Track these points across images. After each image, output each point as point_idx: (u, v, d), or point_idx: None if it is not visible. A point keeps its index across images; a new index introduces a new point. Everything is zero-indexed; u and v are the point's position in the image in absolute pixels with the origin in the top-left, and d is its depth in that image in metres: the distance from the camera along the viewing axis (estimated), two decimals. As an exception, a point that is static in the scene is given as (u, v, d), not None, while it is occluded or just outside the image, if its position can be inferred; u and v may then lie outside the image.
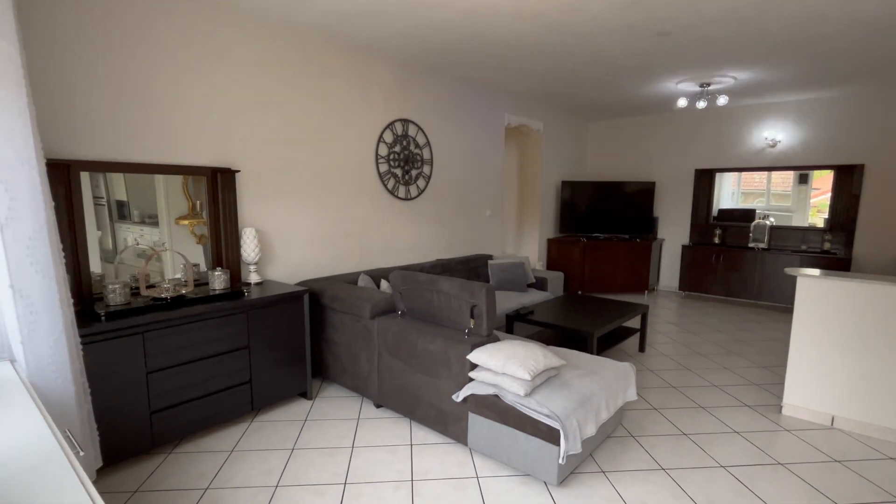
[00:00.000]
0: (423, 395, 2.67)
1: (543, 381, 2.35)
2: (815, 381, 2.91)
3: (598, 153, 7.29)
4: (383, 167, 4.10)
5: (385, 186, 4.13)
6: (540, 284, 4.86)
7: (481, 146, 5.26)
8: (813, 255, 5.27)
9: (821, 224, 5.89)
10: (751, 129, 5.94)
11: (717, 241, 6.13)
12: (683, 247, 6.17)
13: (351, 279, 3.65)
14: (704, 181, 6.34)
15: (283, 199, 3.41)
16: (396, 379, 2.83)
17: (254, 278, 3.14)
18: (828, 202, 5.90)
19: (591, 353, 3.32)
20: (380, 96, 4.01)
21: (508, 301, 4.28)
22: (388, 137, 4.12)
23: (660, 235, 6.82)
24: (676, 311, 5.60)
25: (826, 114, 5.43)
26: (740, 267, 5.75)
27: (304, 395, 3.15)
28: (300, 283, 3.42)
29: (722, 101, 4.67)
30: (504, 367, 2.27)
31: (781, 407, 3.02)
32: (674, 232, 6.70)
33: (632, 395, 2.66)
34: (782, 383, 3.50)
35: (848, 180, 5.36)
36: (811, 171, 5.96)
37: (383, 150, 4.08)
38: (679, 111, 6.38)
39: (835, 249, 5.45)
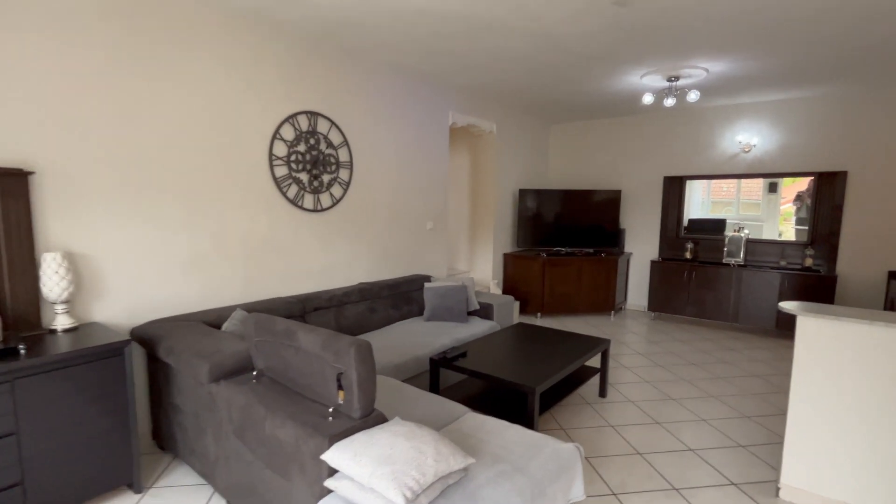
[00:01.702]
0: (274, 502, 1.82)
1: (438, 494, 1.54)
2: (822, 457, 2.19)
3: (561, 159, 6.61)
4: (281, 170, 3.25)
5: (284, 195, 3.28)
6: (484, 312, 4.08)
7: (421, 148, 4.47)
8: (794, 273, 4.66)
9: (790, 233, 5.35)
10: (723, 132, 5.34)
11: (688, 255, 5.49)
12: (652, 262, 5.50)
13: (225, 316, 2.78)
14: (674, 189, 5.71)
15: (121, 212, 2.52)
16: (245, 472, 1.97)
17: (62, 323, 2.24)
18: (793, 210, 5.38)
19: (532, 416, 2.53)
20: (275, 81, 3.17)
21: (441, 336, 3.47)
22: (288, 134, 3.28)
23: (627, 249, 6.15)
24: (645, 337, 4.90)
25: (805, 115, 4.87)
26: (715, 285, 5.11)
27: (132, 485, 2.25)
28: (145, 325, 2.53)
29: (692, 96, 4.02)
30: (371, 479, 1.45)
31: (778, 489, 2.28)
32: (642, 246, 6.04)
33: (577, 494, 1.87)
34: (775, 443, 2.78)
35: (830, 189, 4.79)
36: (780, 180, 5.40)
37: (281, 150, 3.24)
38: (647, 112, 5.75)
39: (818, 266, 4.86)
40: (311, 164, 3.44)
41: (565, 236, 5.88)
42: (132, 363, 2.20)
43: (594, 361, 4.04)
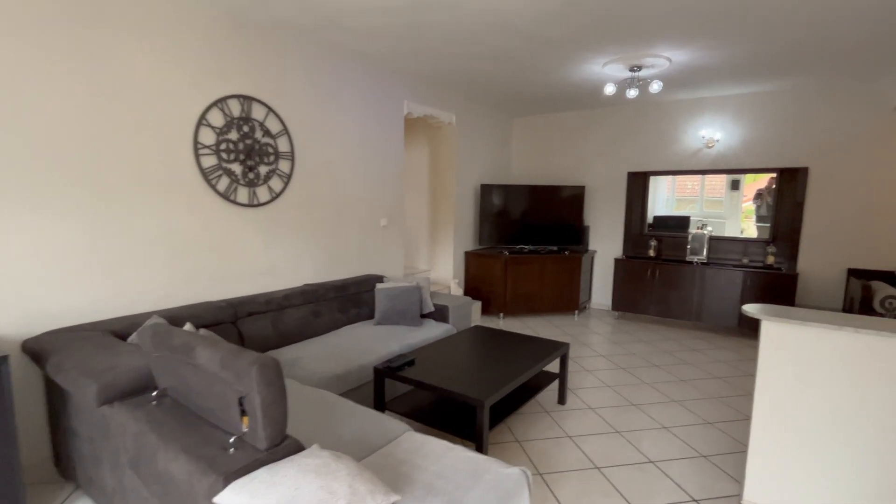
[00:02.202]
0: (165, 551, 1.53)
1: (350, 542, 1.28)
2: (787, 470, 2.05)
3: (524, 153, 6.44)
4: (209, 160, 2.92)
5: (213, 188, 2.94)
6: (440, 315, 3.84)
7: (373, 140, 4.19)
8: (756, 271, 4.61)
9: (752, 231, 5.34)
10: (687, 126, 5.27)
11: (652, 253, 5.40)
12: (616, 260, 5.39)
13: (138, 324, 2.45)
14: (638, 186, 5.62)
15: (8, 204, 2.16)
16: (136, 513, 1.67)
17: (-81, 338, 1.87)
18: (753, 208, 5.38)
19: (481, 432, 2.31)
20: (201, 59, 2.83)
21: (390, 342, 3.22)
22: (217, 120, 2.94)
23: (592, 247, 6.04)
24: (608, 338, 4.77)
25: (767, 110, 4.83)
26: (678, 283, 5.03)
27: (10, 527, 1.90)
28: (39, 337, 2.18)
29: (655, 87, 3.88)
30: (265, 531, 1.19)
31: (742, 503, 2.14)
32: (606, 243, 5.93)
33: (522, 526, 1.65)
34: (739, 452, 2.65)
35: (791, 186, 4.77)
36: (742, 177, 5.39)
37: (208, 138, 2.90)
38: (611, 106, 5.63)
39: (779, 263, 4.84)
40: (246, 154, 3.11)
41: (529, 234, 5.71)
42: (10, 382, 1.86)
43: (554, 366, 3.87)
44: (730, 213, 6.19)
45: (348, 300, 3.68)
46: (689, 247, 5.14)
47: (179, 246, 2.81)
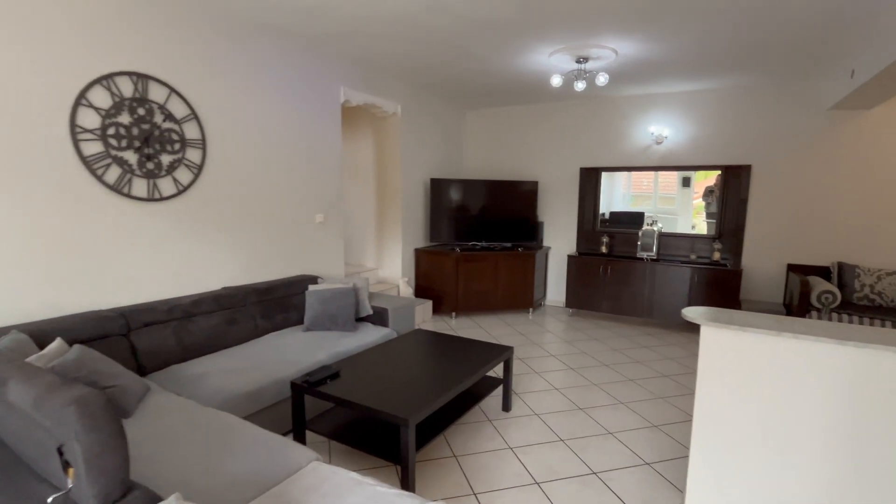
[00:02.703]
0: None
1: None
2: (728, 480, 1.90)
3: (478, 148, 6.22)
4: (92, 147, 2.50)
5: (99, 178, 2.53)
6: (379, 318, 3.56)
7: (306, 129, 3.84)
8: (703, 267, 4.59)
9: (703, 227, 5.35)
10: (637, 122, 5.20)
11: (604, 249, 5.31)
12: (569, 257, 5.27)
13: (-5, 342, 2.03)
14: (590, 181, 5.52)
15: None
16: None
17: None
18: (703, 205, 5.40)
19: (407, 455, 2.05)
20: (73, 26, 2.41)
21: (317, 351, 2.91)
22: (101, 100, 2.52)
23: (546, 243, 5.91)
24: (561, 336, 4.63)
25: (713, 108, 4.81)
26: (629, 280, 4.96)
27: None
28: None
29: (601, 79, 3.73)
30: None
31: (683, 524, 1.98)
32: (560, 239, 5.81)
33: (433, 577, 1.41)
34: (682, 458, 2.52)
35: (736, 183, 4.77)
36: (693, 174, 5.39)
37: (90, 120, 2.48)
38: (563, 100, 5.49)
39: (725, 259, 4.84)
40: (142, 140, 2.71)
41: (482, 230, 5.50)
42: None
43: (501, 370, 3.67)
44: (681, 209, 6.23)
45: (275, 304, 3.33)
46: (639, 243, 5.08)
47: (54, 248, 2.39)
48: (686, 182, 6.19)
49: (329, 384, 2.38)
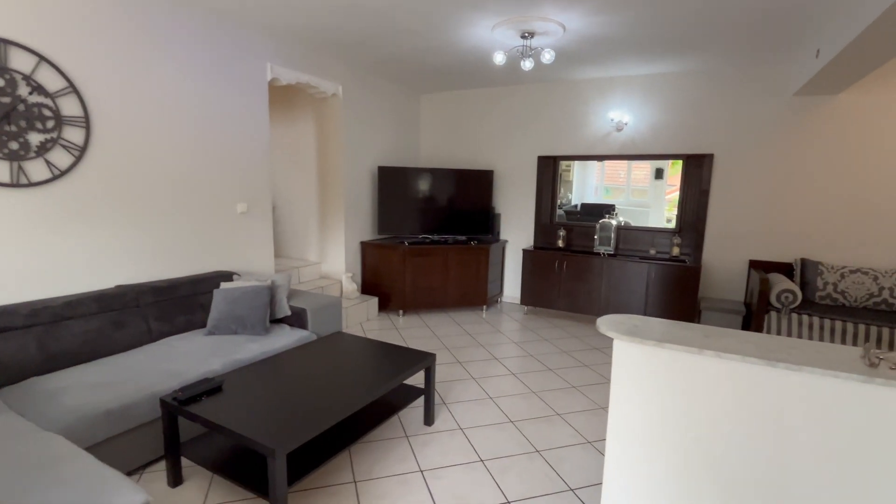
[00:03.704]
0: None
1: None
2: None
3: (434, 134, 5.87)
4: (-75, 122, 2.11)
5: (-64, 160, 2.14)
6: (297, 319, 3.22)
7: (224, 108, 3.45)
8: (661, 263, 4.34)
9: (671, 223, 5.11)
10: (597, 108, 4.90)
11: (560, 244, 5.03)
12: (524, 251, 4.98)
13: None
14: (547, 171, 5.22)
15: None
16: None
17: None
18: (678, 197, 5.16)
19: (275, 488, 1.74)
20: None
21: (214, 358, 2.57)
22: (-61, 66, 2.13)
23: (504, 236, 5.61)
24: (510, 336, 4.35)
25: (674, 93, 4.53)
26: (585, 276, 4.69)
27: None
28: None
29: (547, 57, 3.40)
30: None
31: (590, 571, 1.71)
32: (518, 232, 5.52)
33: None
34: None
35: (697, 173, 4.51)
36: (667, 165, 5.12)
37: (-78, 90, 2.09)
38: (520, 84, 5.16)
39: (685, 255, 4.60)
40: (0, 116, 2.32)
41: (434, 222, 5.18)
42: None
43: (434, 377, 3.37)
44: (654, 202, 5.99)
45: (177, 305, 2.97)
46: (596, 237, 4.81)
47: None
48: (659, 174, 5.93)
49: (203, 402, 2.05)
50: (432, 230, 5.17)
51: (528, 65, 3.61)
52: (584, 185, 5.74)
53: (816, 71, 3.37)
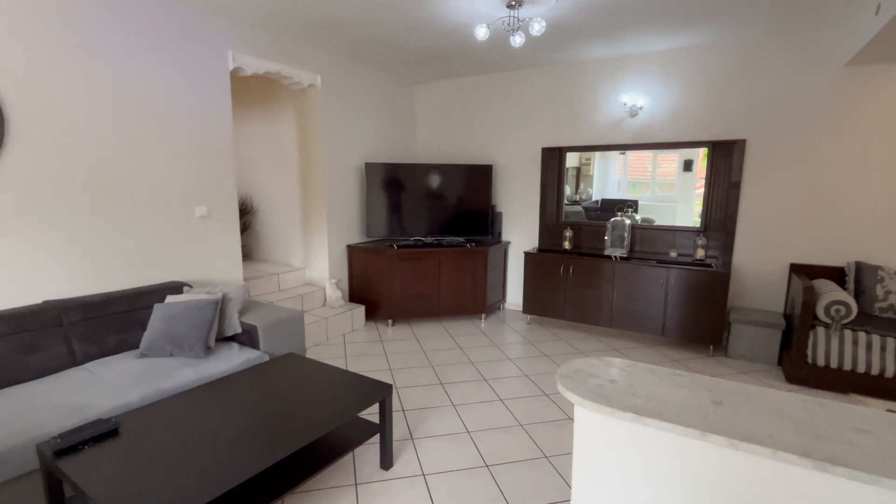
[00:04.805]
0: None
1: None
2: None
3: (432, 127, 5.40)
4: None
5: None
6: (248, 338, 2.83)
7: (178, 101, 3.11)
8: (683, 267, 3.73)
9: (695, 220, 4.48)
10: (607, 92, 4.31)
11: (567, 245, 4.48)
12: (526, 254, 4.45)
13: None
14: (552, 164, 4.66)
15: None
16: None
17: None
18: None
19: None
20: None
21: (133, 388, 2.20)
22: None
23: (506, 237, 5.09)
24: (507, 351, 3.84)
25: (697, 69, 3.90)
26: (595, 282, 4.12)
27: None
28: None
29: (537, 29, 2.88)
30: None
31: None
32: (521, 233, 4.99)
33: None
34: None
35: (726, 162, 3.87)
36: (697, 155, 4.48)
37: None
38: (522, 69, 4.62)
39: (711, 257, 3.97)
40: None
41: (428, 222, 4.72)
42: None
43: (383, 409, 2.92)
44: (682, 196, 5.36)
45: (110, 323, 2.63)
46: (606, 238, 4.23)
47: None
48: (688, 166, 5.30)
49: (83, 452, 1.67)
50: (426, 232, 4.71)
51: (518, 40, 3.10)
52: (606, 179, 5.17)
53: (876, 32, 2.71)
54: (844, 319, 3.04)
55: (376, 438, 2.55)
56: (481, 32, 3.00)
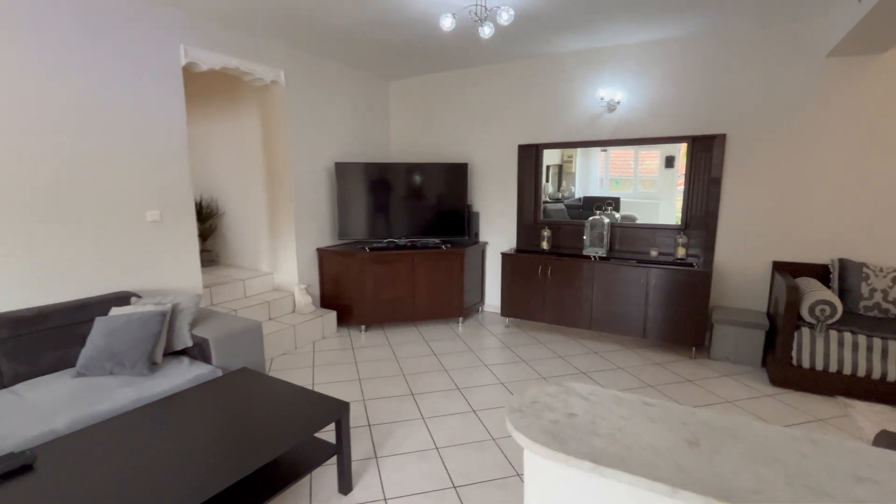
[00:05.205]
0: None
1: None
2: None
3: (406, 125, 5.21)
4: None
5: None
6: (200, 352, 2.63)
7: (124, 98, 2.89)
8: (664, 267, 3.60)
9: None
10: (583, 85, 4.17)
11: (545, 245, 4.33)
12: (503, 255, 4.29)
13: None
14: (529, 161, 4.51)
15: None
16: None
17: None
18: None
19: None
20: None
21: (60, 414, 2.00)
22: None
23: (484, 237, 4.93)
24: (483, 357, 3.68)
25: (677, 62, 3.77)
26: (573, 283, 3.98)
27: None
28: None
29: (505, 17, 2.71)
30: None
31: None
32: (499, 233, 4.84)
33: None
34: None
35: (706, 158, 3.75)
36: (679, 151, 4.36)
37: None
38: (496, 63, 4.46)
39: (692, 256, 3.85)
40: None
41: (402, 224, 4.54)
42: None
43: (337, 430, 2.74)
44: (664, 193, 5.26)
45: (45, 339, 2.42)
46: (585, 237, 4.09)
47: None
48: (670, 162, 5.18)
49: (-17, 494, 1.47)
50: (400, 233, 4.53)
51: (487, 31, 2.93)
52: (588, 176, 5.04)
53: (859, 20, 2.59)
54: (829, 320, 2.93)
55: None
56: (447, 22, 2.83)
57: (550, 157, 4.58)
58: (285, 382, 2.29)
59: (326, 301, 4.43)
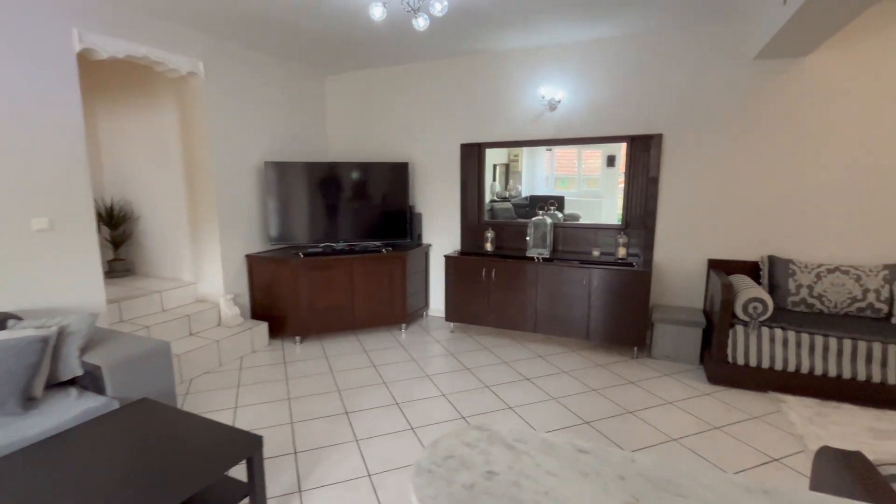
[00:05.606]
0: None
1: None
2: None
3: (344, 123, 4.94)
4: None
5: None
6: (92, 381, 2.29)
7: (3, 88, 2.47)
8: (605, 267, 3.57)
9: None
10: (524, 83, 4.09)
11: (488, 247, 4.22)
12: (446, 258, 4.14)
13: None
14: (472, 161, 4.39)
15: None
16: None
17: None
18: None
19: None
20: None
21: None
22: None
23: (427, 239, 4.76)
24: (425, 367, 3.51)
25: (615, 61, 3.75)
26: (517, 285, 3.89)
27: None
28: None
29: (438, 7, 2.54)
30: None
31: None
32: (443, 235, 4.68)
33: None
34: None
35: (643, 157, 3.76)
36: (620, 150, 4.36)
37: None
38: (437, 59, 4.29)
39: (633, 255, 3.86)
40: None
41: (340, 227, 4.28)
42: None
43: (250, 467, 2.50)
44: (606, 191, 5.29)
45: None
46: (528, 238, 4.01)
47: None
48: (611, 161, 5.22)
49: None
50: (338, 236, 4.27)
51: (421, 23, 2.74)
52: (535, 175, 4.98)
53: (784, 22, 2.63)
54: (762, 317, 2.98)
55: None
56: (377, 12, 2.62)
57: (497, 156, 4.48)
58: (190, 414, 2.02)
59: (257, 312, 4.11)
